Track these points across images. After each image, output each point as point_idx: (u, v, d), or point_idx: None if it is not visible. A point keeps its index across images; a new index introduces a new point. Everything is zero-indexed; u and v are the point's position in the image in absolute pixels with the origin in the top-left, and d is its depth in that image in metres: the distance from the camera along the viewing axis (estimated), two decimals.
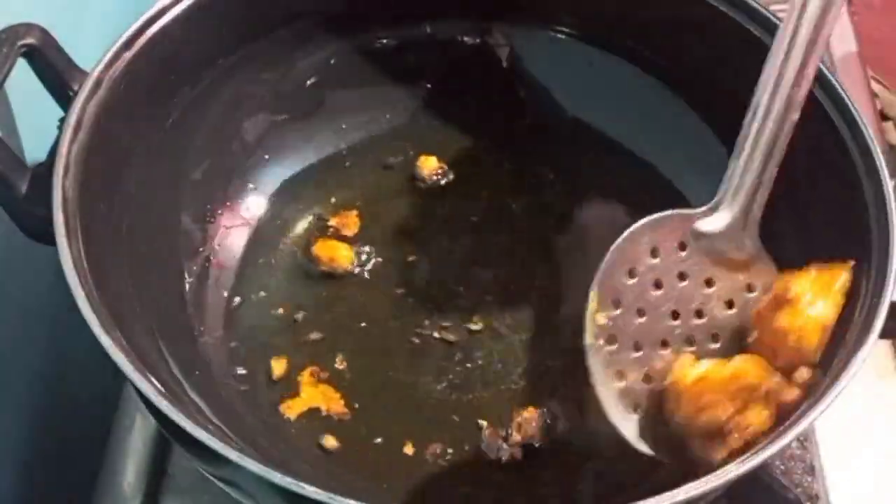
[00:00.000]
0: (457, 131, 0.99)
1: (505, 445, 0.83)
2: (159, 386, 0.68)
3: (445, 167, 0.97)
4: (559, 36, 0.97)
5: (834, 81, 0.82)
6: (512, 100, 0.99)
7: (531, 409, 0.84)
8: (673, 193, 0.95)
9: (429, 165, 0.97)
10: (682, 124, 0.95)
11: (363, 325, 0.89)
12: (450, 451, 0.83)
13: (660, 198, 0.95)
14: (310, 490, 0.64)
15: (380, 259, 0.92)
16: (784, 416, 0.70)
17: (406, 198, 0.97)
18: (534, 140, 0.98)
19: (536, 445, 0.83)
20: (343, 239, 0.93)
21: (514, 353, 0.87)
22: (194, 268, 0.89)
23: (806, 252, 0.83)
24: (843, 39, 1.21)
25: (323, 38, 0.94)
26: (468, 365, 0.87)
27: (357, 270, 0.91)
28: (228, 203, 0.93)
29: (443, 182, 0.96)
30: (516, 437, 0.83)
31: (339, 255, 0.92)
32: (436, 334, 0.88)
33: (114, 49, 0.80)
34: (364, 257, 0.92)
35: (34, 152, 0.83)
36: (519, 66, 0.98)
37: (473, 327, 0.88)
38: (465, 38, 0.98)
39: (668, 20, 0.92)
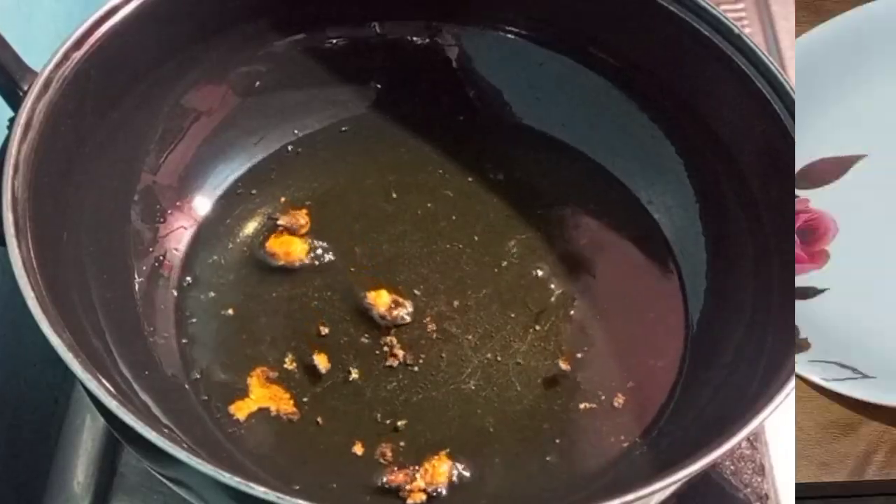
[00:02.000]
0: (406, 131, 0.99)
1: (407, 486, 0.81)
2: (109, 386, 0.68)
3: (400, 299, 0.91)
4: (509, 36, 0.97)
5: (782, 80, 0.83)
6: (462, 100, 0.99)
7: (442, 456, 0.83)
8: (625, 194, 0.96)
9: (381, 301, 0.90)
10: (632, 125, 0.96)
11: (312, 324, 0.89)
12: (400, 449, 0.83)
13: (612, 198, 0.96)
14: (258, 490, 0.64)
15: (331, 257, 0.92)
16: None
17: (355, 196, 0.96)
18: (483, 140, 0.99)
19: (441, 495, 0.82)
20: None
21: (463, 355, 0.87)
22: (144, 268, 0.88)
23: (760, 251, 0.85)
24: None
25: (272, 38, 0.94)
26: (417, 367, 0.87)
27: (309, 267, 0.91)
28: (178, 203, 0.92)
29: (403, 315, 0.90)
30: (420, 482, 0.81)
31: (294, 250, 0.91)
32: (385, 335, 0.88)
33: (63, 49, 0.79)
34: (317, 254, 0.92)
35: None
36: (469, 67, 0.98)
37: (424, 327, 0.88)
38: (415, 39, 0.98)
39: (618, 21, 0.93)
